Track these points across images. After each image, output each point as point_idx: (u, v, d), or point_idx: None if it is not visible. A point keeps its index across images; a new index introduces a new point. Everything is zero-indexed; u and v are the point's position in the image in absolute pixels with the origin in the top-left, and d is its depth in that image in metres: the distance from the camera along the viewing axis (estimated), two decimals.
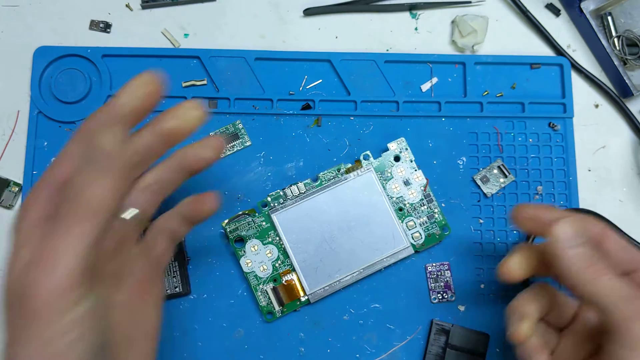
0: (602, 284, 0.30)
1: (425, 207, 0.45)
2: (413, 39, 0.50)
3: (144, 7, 0.49)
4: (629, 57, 0.48)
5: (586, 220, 0.33)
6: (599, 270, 0.30)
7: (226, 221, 0.45)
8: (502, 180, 0.47)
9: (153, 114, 0.32)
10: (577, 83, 0.49)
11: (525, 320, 0.34)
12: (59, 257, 0.25)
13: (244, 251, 0.44)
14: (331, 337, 0.44)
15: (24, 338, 0.25)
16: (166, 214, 0.37)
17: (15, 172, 0.46)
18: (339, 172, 0.45)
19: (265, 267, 0.44)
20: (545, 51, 0.50)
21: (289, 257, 0.44)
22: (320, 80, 0.48)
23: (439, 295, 0.44)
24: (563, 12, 0.50)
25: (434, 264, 0.45)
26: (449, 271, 0.45)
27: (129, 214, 0.32)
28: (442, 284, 0.45)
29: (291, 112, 0.47)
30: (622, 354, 0.29)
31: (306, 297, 0.44)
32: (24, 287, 0.25)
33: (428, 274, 0.45)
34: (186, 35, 0.49)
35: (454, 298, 0.45)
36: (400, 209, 0.45)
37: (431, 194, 0.46)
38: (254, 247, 0.44)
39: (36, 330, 0.25)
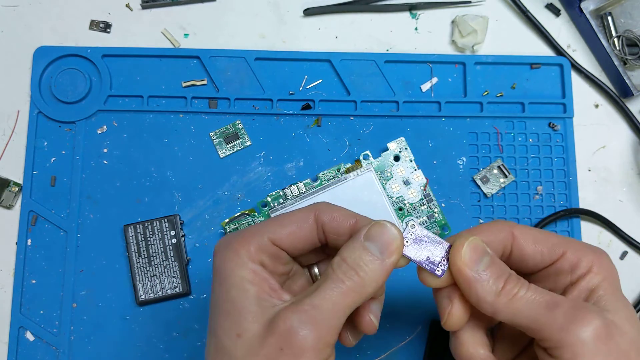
0: (518, 304, 0.28)
1: (425, 206, 0.45)
2: (413, 39, 0.50)
3: (144, 7, 0.49)
4: (629, 57, 0.48)
5: (488, 230, 0.31)
6: (511, 290, 0.29)
7: (226, 221, 0.45)
8: (502, 180, 0.47)
9: None
10: (577, 83, 0.49)
11: (455, 301, 0.31)
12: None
13: None
14: None
15: None
16: None
17: (15, 172, 0.46)
18: (338, 172, 0.45)
19: None
20: (545, 51, 0.50)
21: None
22: (320, 80, 0.48)
23: None
24: (563, 12, 0.50)
25: None
26: None
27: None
28: None
29: (291, 112, 0.47)
30: None
31: None
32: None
33: None
34: (186, 35, 0.49)
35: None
36: (400, 209, 0.45)
37: (431, 194, 0.46)
38: None
39: None
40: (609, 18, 0.48)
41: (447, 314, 0.31)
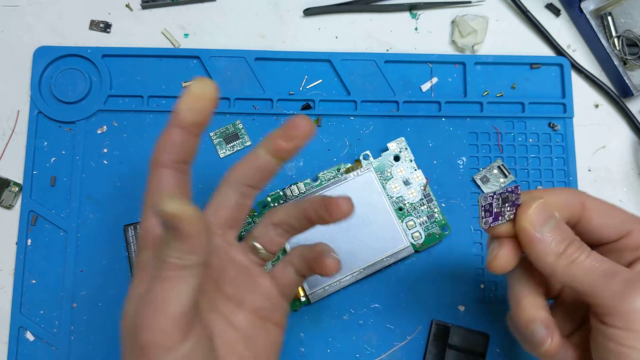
0: (576, 269, 0.29)
1: (425, 206, 0.45)
2: (413, 39, 0.50)
3: (144, 7, 0.49)
4: (629, 57, 0.48)
5: (560, 196, 0.31)
6: (571, 255, 0.29)
7: None
8: (502, 180, 0.47)
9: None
10: (577, 83, 0.49)
11: (505, 245, 0.31)
12: (166, 302, 0.27)
13: None
14: (331, 337, 0.44)
15: None
16: (297, 248, 0.36)
17: (15, 172, 0.46)
18: (338, 172, 0.45)
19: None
20: (545, 51, 0.50)
21: None
22: (320, 80, 0.48)
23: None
24: (563, 12, 0.50)
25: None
26: None
27: (257, 247, 0.34)
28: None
29: (291, 112, 0.47)
30: (614, 333, 0.27)
31: (306, 297, 0.44)
32: (136, 325, 0.27)
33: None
34: (186, 35, 0.49)
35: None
36: (400, 209, 0.45)
37: (431, 194, 0.46)
38: None
39: None
40: (609, 18, 0.48)
41: (494, 255, 0.31)
